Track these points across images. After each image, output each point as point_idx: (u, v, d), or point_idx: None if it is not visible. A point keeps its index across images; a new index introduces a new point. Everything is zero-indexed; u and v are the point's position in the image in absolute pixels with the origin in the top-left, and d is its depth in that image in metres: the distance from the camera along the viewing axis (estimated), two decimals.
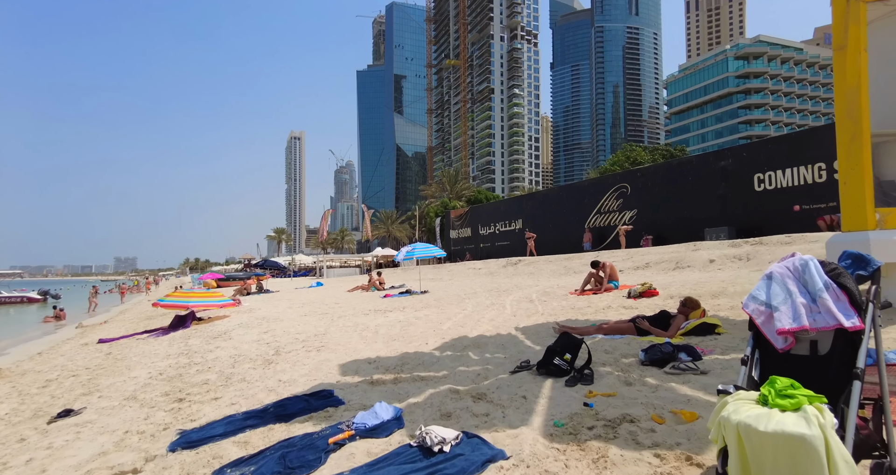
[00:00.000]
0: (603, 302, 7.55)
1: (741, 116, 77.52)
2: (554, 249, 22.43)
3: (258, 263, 29.20)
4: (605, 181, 23.09)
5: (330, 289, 20.25)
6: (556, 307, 7.60)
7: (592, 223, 22.67)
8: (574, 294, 8.90)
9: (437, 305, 9.78)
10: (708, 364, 3.63)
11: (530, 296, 9.37)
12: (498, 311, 7.79)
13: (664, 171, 20.47)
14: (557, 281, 12.62)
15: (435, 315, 8.16)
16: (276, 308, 13.44)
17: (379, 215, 72.71)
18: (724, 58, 78.64)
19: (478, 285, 14.08)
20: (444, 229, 37.12)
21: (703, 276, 9.15)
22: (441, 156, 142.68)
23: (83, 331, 14.43)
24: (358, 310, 10.58)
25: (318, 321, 9.11)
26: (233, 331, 9.12)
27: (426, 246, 14.38)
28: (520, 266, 18.29)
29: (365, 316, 9.23)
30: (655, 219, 19.86)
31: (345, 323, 8.44)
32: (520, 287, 11.81)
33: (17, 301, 36.27)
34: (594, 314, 6.61)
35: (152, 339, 9.71)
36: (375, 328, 7.34)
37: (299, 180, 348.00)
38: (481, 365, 4.36)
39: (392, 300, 12.39)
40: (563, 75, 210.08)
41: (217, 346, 7.37)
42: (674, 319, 4.76)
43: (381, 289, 16.71)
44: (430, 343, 5.72)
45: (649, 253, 14.35)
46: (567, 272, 15.05)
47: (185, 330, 10.63)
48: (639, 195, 20.70)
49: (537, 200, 27.86)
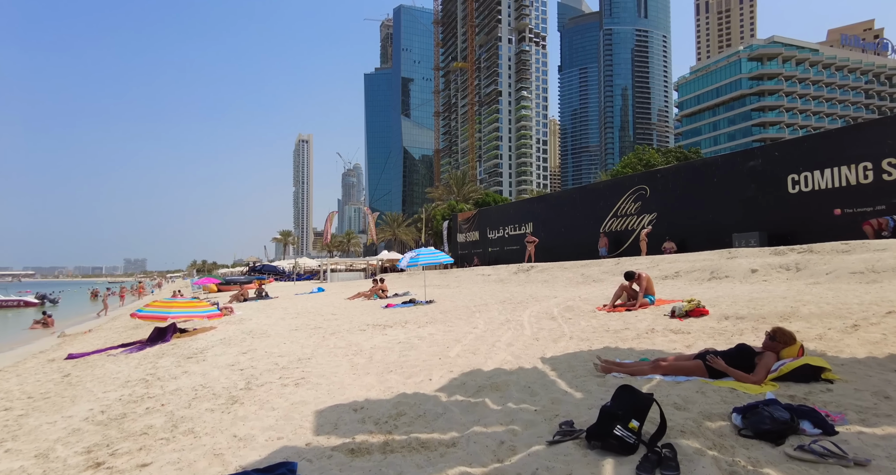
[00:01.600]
0: (642, 322, 6.34)
1: (755, 119, 75.75)
2: (567, 255, 21.17)
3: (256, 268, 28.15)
4: (622, 183, 21.83)
5: (330, 296, 19.13)
6: (586, 328, 6.39)
7: (608, 227, 21.40)
8: (604, 310, 7.69)
9: (444, 320, 8.60)
10: (851, 441, 2.43)
11: (551, 312, 8.16)
12: (516, 332, 6.59)
13: (686, 171, 19.20)
14: (577, 291, 11.40)
15: (441, 334, 6.98)
16: (267, 319, 12.33)
17: (385, 218, 71.68)
18: (736, 59, 77.00)
19: (488, 294, 12.88)
20: (451, 233, 35.95)
21: (750, 291, 7.90)
22: (448, 158, 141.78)
23: (62, 342, 13.40)
24: (354, 324, 9.43)
25: (307, 339, 7.96)
26: (211, 349, 8.00)
27: (432, 251, 13.22)
28: (532, 273, 17.06)
29: (361, 332, 8.07)
30: (677, 223, 18.58)
31: (336, 342, 7.29)
32: (536, 298, 10.61)
33: (13, 305, 35.52)
34: (637, 340, 5.40)
35: (124, 356, 8.63)
36: (370, 352, 6.18)
37: (307, 183, 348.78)
38: (504, 422, 3.18)
39: (394, 311, 11.23)
40: (571, 78, 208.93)
41: (185, 371, 6.25)
42: (760, 358, 3.55)
43: (383, 297, 15.57)
44: (434, 378, 4.55)
45: (677, 260, 13.09)
46: (585, 280, 13.81)
47: (162, 345, 9.53)
48: (659, 197, 19.42)
49: (549, 203, 26.61)
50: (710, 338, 5.13)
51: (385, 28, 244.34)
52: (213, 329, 11.45)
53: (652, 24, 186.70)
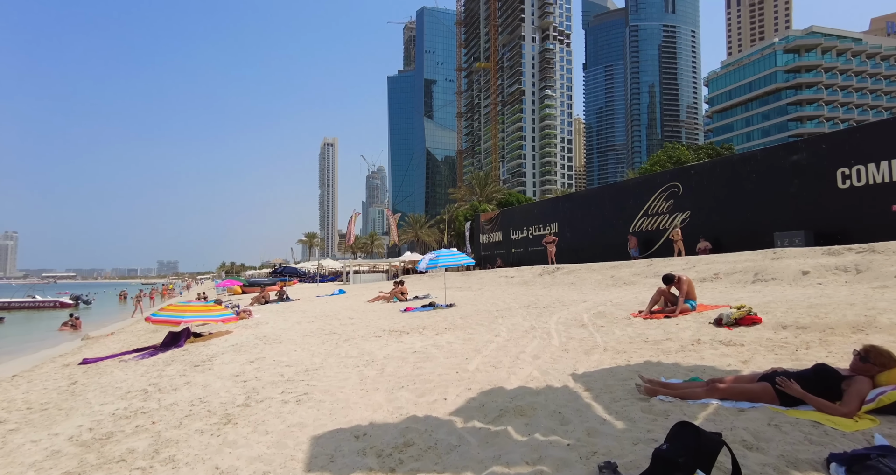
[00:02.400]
0: (685, 331, 5.64)
1: (791, 113, 72.57)
2: (594, 256, 20.32)
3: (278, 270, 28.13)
4: (653, 180, 20.85)
5: (350, 299, 18.80)
6: (621, 338, 5.72)
7: (638, 226, 20.46)
8: (639, 317, 6.99)
9: (464, 326, 8.03)
10: None
11: (580, 318, 7.51)
12: (542, 342, 5.98)
13: (722, 167, 18.14)
14: (607, 295, 10.67)
15: (460, 344, 6.42)
16: (284, 323, 12.01)
17: (407, 219, 71.51)
18: (771, 52, 73.93)
19: (511, 297, 12.26)
20: (473, 234, 35.34)
21: (805, 295, 7.08)
22: (471, 159, 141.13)
23: (84, 345, 13.39)
24: (371, 329, 8.96)
25: (319, 346, 7.53)
26: (220, 356, 7.65)
27: (452, 253, 12.65)
28: (558, 275, 16.33)
29: (375, 339, 7.59)
30: (712, 222, 17.57)
31: (349, 350, 6.81)
32: (562, 302, 9.94)
33: (50, 306, 36.56)
34: (681, 353, 4.72)
35: (134, 362, 8.37)
36: (382, 362, 5.67)
37: (332, 185, 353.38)
38: (531, 461, 2.61)
39: (412, 316, 10.72)
40: (596, 76, 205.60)
41: (188, 382, 5.87)
42: (849, 383, 2.87)
43: (402, 299, 15.10)
44: (449, 398, 4.00)
45: (715, 261, 12.19)
46: (615, 283, 13.03)
47: (175, 350, 9.27)
48: (692, 195, 18.43)
49: (575, 202, 25.73)
50: (768, 351, 4.42)
51: (408, 31, 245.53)
52: (228, 333, 11.18)
53: (680, 19, 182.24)
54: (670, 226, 19.17)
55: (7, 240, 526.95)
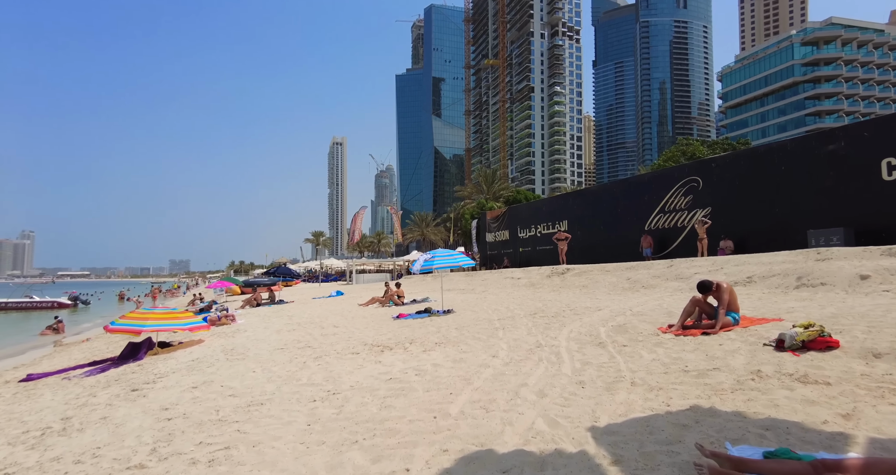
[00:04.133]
0: (734, 355, 4.33)
1: (809, 108, 70.22)
2: (606, 256, 18.96)
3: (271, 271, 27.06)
4: (670, 174, 19.43)
5: (345, 301, 17.63)
6: (653, 365, 4.43)
7: (654, 224, 19.06)
8: (669, 332, 5.69)
9: (457, 340, 6.79)
10: None
11: (596, 332, 6.22)
12: (550, 367, 4.71)
13: (747, 159, 16.70)
14: (625, 301, 9.36)
15: (448, 367, 5.17)
16: (264, 330, 10.86)
17: (413, 218, 70.36)
18: (788, 44, 71.60)
19: (516, 303, 10.99)
20: (479, 232, 34.05)
21: (877, 306, 5.73)
22: (479, 158, 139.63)
23: (50, 354, 12.38)
24: (351, 342, 7.75)
25: (283, 365, 6.33)
26: (169, 376, 6.48)
27: (449, 253, 11.35)
28: (568, 276, 15.00)
29: (352, 357, 6.37)
30: (735, 219, 16.14)
31: (314, 373, 5.60)
32: (574, 310, 8.65)
33: (47, 306, 35.88)
34: (741, 393, 3.40)
35: (77, 380, 7.25)
36: (346, 395, 4.44)
37: (341, 185, 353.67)
38: None
39: (403, 324, 9.49)
40: (606, 73, 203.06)
41: (104, 416, 4.69)
42: None
43: (398, 303, 13.88)
44: (415, 468, 2.75)
45: (746, 263, 10.80)
46: (632, 287, 11.70)
47: (130, 364, 8.13)
48: (714, 190, 17.00)
49: (586, 199, 24.35)
50: (877, 398, 3.10)
51: (416, 29, 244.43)
52: (199, 342, 10.05)
53: (691, 14, 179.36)
54: (689, 223, 17.78)
55: (24, 240, 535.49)
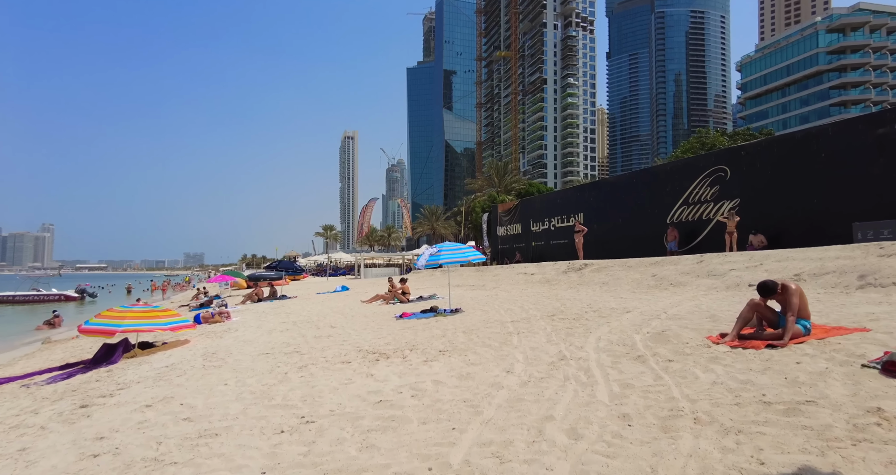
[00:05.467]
0: (824, 380, 3.27)
1: (833, 98, 67.63)
2: (624, 250, 17.83)
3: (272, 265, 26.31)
4: (694, 164, 18.18)
5: (349, 297, 16.75)
6: (715, 391, 3.40)
7: (677, 217, 17.87)
8: (723, 343, 4.65)
9: (465, 348, 5.81)
10: None
11: (630, 341, 5.20)
12: (580, 391, 3.71)
13: (781, 146, 15.38)
14: (654, 301, 8.30)
15: (451, 386, 4.19)
16: (257, 330, 10.00)
17: (423, 211, 69.37)
18: (813, 32, 68.92)
19: (531, 301, 9.98)
20: (490, 226, 32.99)
21: None
22: (490, 151, 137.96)
23: (36, 351, 11.69)
24: (345, 346, 6.82)
25: (261, 376, 5.40)
26: (130, 388, 5.61)
27: (456, 246, 10.30)
28: (586, 272, 13.93)
29: (341, 367, 5.43)
30: (767, 211, 14.90)
31: (291, 389, 4.66)
32: (598, 311, 7.61)
33: (54, 299, 35.64)
34: (869, 447, 2.38)
35: (36, 388, 6.42)
36: (319, 429, 3.48)
37: (352, 179, 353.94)
38: None
39: (405, 325, 8.54)
40: (619, 65, 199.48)
41: (22, 448, 3.81)
42: None
43: (404, 300, 12.94)
44: None
45: (790, 258, 9.64)
46: (659, 284, 10.61)
47: (99, 370, 7.30)
48: (743, 180, 15.74)
49: (603, 190, 23.14)
50: None
51: (428, 22, 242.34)
52: (185, 343, 9.22)
53: (709, 4, 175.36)
54: (715, 215, 16.58)
55: (44, 232, 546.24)
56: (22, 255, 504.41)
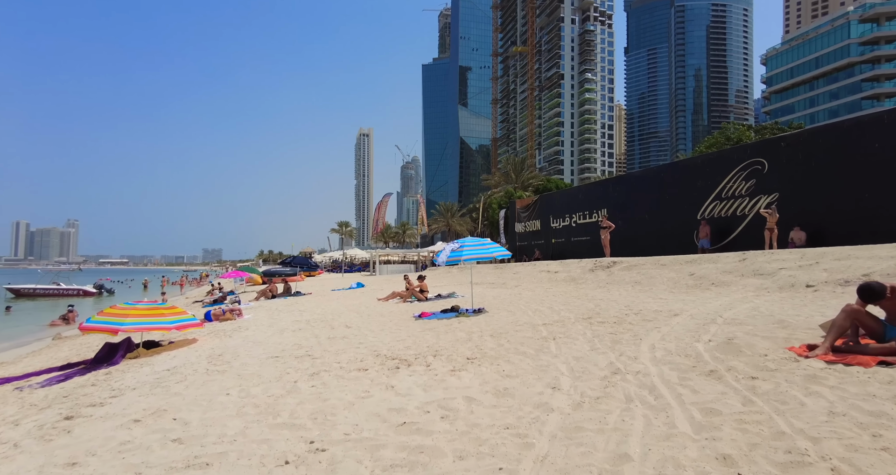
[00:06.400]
0: None
1: (866, 91, 65.02)
2: (650, 248, 16.94)
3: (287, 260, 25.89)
4: (728, 156, 17.19)
5: (364, 295, 16.17)
6: (839, 425, 2.66)
7: (708, 212, 16.91)
8: (814, 356, 3.88)
9: (496, 355, 5.12)
10: None
11: (695, 353, 4.45)
12: (652, 417, 2.99)
13: (828, 136, 14.33)
14: (700, 302, 7.50)
15: (486, 408, 3.50)
16: (268, 329, 9.44)
17: (438, 208, 68.69)
18: (844, 22, 66.31)
19: (560, 301, 9.25)
20: (508, 222, 32.17)
21: None
22: (506, 148, 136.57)
23: (40, 350, 11.33)
24: (360, 351, 6.18)
25: (267, 387, 4.78)
26: (123, 395, 5.05)
27: (480, 241, 9.58)
28: (616, 271, 13.11)
29: (357, 375, 4.79)
30: (808, 206, 13.90)
31: (294, 408, 4.03)
32: (641, 314, 6.86)
33: (73, 294, 35.87)
34: None
35: (27, 392, 5.92)
36: (330, 460, 2.83)
37: (367, 176, 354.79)
38: None
39: (426, 326, 7.88)
40: (638, 60, 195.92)
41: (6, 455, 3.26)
42: None
43: (421, 299, 12.29)
44: None
45: (852, 256, 8.72)
46: (699, 284, 9.77)
47: (97, 372, 6.78)
48: (782, 173, 14.73)
49: (628, 185, 22.19)
50: None
51: (443, 18, 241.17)
52: (193, 342, 8.70)
53: None
54: (750, 211, 15.61)
55: (69, 228, 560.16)
56: (48, 250, 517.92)
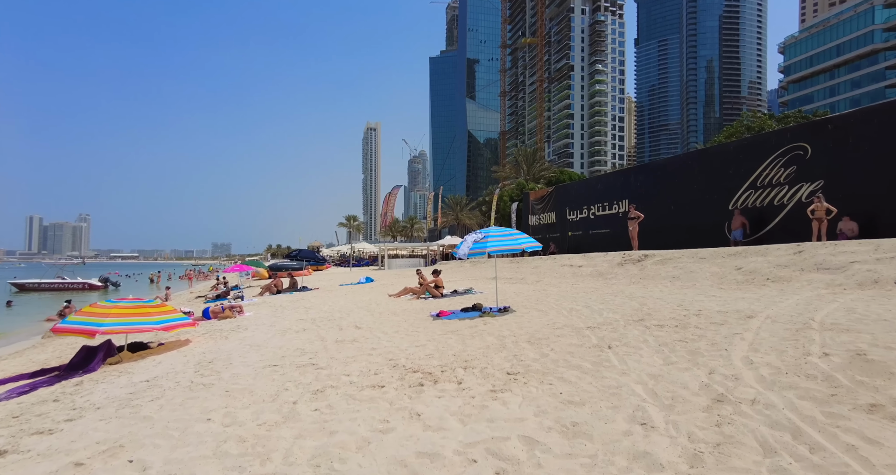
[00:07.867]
0: None
1: (890, 79, 62.72)
2: (677, 240, 15.79)
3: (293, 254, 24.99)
4: (764, 142, 15.92)
5: (374, 290, 15.19)
6: None
7: (741, 202, 15.71)
8: None
9: (544, 372, 4.10)
10: None
11: (821, 373, 3.39)
12: None
13: (883, 116, 13.05)
14: (766, 300, 6.41)
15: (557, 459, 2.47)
16: (270, 328, 8.48)
17: (447, 201, 67.56)
18: (868, 7, 63.88)
19: (595, 299, 8.20)
20: (521, 215, 31.05)
21: None
22: (514, 141, 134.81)
23: (23, 350, 10.50)
24: (374, 359, 5.18)
25: (258, 409, 3.80)
26: (81, 418, 4.09)
27: (507, 232, 8.48)
28: (648, 265, 12.00)
29: (370, 400, 3.79)
30: (860, 194, 12.64)
31: (290, 447, 3.04)
32: (702, 315, 5.79)
33: (78, 288, 35.37)
34: None
35: None
36: None
37: (375, 170, 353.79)
38: None
39: (446, 327, 6.87)
40: (648, 52, 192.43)
41: None
42: None
43: (436, 295, 11.28)
44: None
45: None
46: (751, 279, 8.65)
47: (72, 379, 5.86)
48: (827, 159, 13.47)
49: (652, 173, 20.95)
50: None
51: (451, 10, 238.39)
52: (186, 343, 7.77)
53: None
54: (789, 201, 14.40)
55: (81, 222, 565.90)
56: (61, 244, 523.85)
